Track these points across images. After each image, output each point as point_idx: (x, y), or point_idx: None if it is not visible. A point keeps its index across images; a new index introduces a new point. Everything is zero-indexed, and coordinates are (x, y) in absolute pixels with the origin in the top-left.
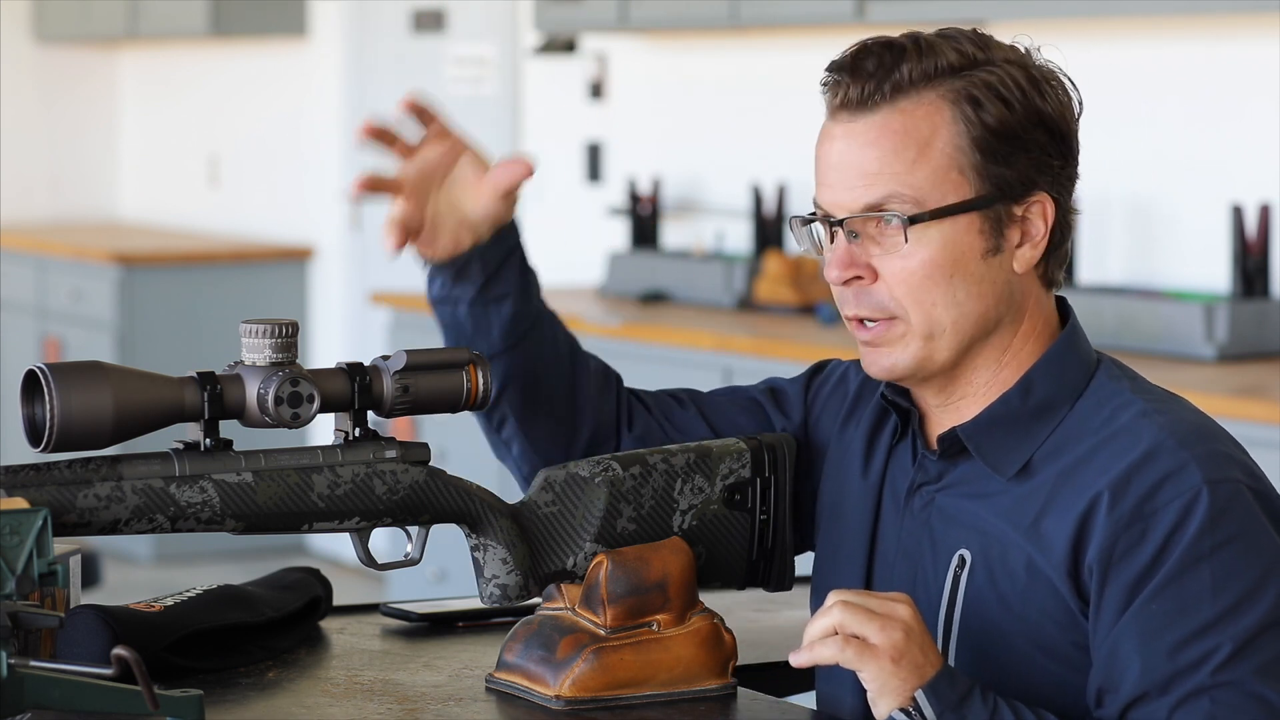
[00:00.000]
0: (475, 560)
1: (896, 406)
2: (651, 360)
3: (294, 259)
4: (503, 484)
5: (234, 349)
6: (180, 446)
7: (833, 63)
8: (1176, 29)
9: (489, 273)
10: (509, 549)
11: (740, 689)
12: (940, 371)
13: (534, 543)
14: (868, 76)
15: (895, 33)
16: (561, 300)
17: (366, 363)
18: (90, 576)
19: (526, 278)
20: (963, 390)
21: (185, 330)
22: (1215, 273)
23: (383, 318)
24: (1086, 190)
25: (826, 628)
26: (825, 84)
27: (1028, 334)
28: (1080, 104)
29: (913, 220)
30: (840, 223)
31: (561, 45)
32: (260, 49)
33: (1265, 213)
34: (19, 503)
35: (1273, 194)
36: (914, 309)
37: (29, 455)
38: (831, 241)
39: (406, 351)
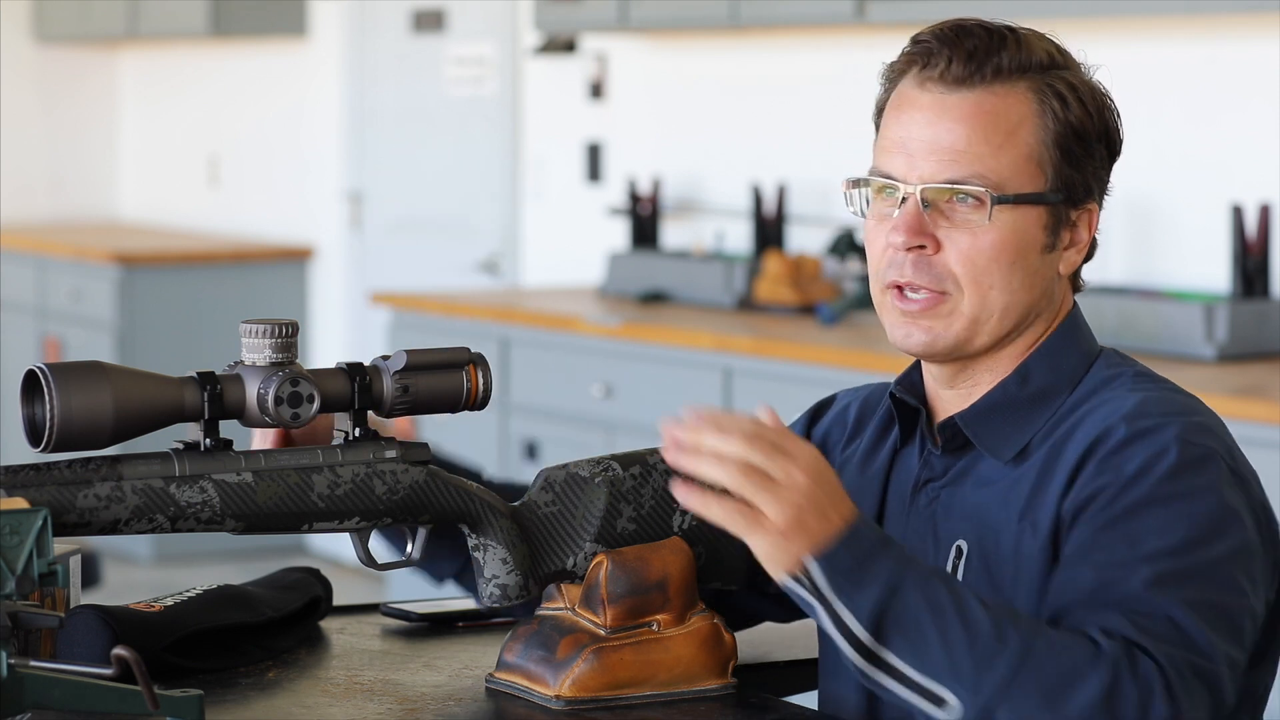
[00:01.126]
0: (475, 560)
1: (904, 405)
2: (651, 360)
3: (294, 259)
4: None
5: (234, 349)
6: (180, 446)
7: (929, 33)
8: (1176, 29)
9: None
10: (509, 549)
11: (740, 689)
12: (974, 355)
13: (534, 543)
14: (969, 55)
15: (892, 33)
16: (562, 300)
17: (366, 363)
18: (90, 576)
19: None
20: (978, 377)
21: (185, 330)
22: (1215, 273)
23: (383, 318)
24: None
25: (719, 478)
26: (916, 50)
27: (1042, 332)
28: (1122, 137)
29: (998, 200)
30: (917, 190)
31: (561, 45)
32: (260, 49)
33: (1265, 213)
34: (19, 503)
35: (1273, 194)
36: (971, 288)
37: (29, 455)
38: (901, 205)
39: (406, 351)
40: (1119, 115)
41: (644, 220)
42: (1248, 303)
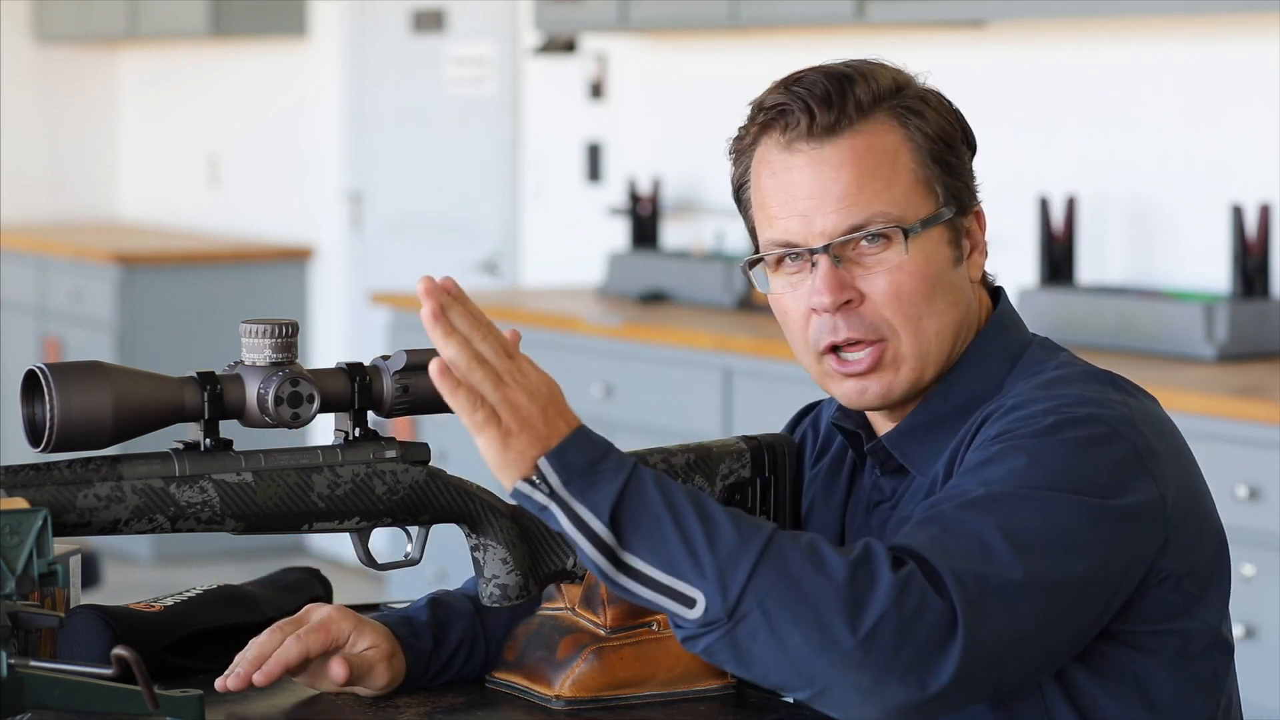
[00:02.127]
0: (475, 560)
1: (845, 431)
2: (651, 360)
3: (294, 259)
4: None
5: (234, 349)
6: (180, 446)
7: (775, 96)
8: (1176, 29)
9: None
10: (509, 549)
11: (740, 689)
12: (925, 388)
13: (534, 543)
14: (827, 103)
15: (892, 34)
16: (562, 300)
17: (366, 363)
18: (90, 576)
19: (459, 655)
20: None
21: (185, 330)
22: (1215, 273)
23: (383, 318)
24: (1086, 190)
25: (458, 361)
26: (769, 117)
27: (967, 340)
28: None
29: (907, 234)
30: (825, 249)
31: (561, 45)
32: (260, 49)
33: (1265, 213)
34: (19, 503)
35: (1273, 194)
36: (904, 326)
37: (29, 455)
38: (811, 269)
39: (406, 351)
40: (957, 111)
41: (644, 220)
42: (1248, 303)
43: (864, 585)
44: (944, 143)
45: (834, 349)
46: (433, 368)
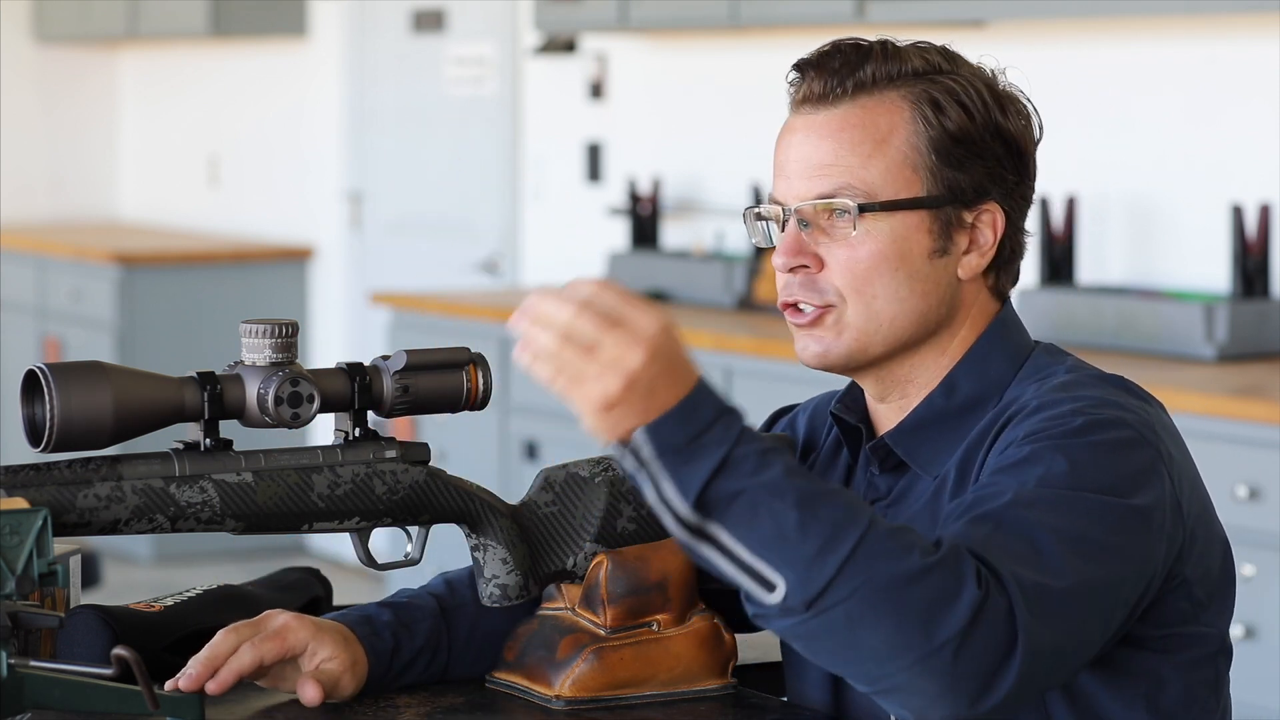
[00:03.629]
0: (475, 560)
1: (843, 423)
2: None
3: (294, 259)
4: (503, 484)
5: (234, 349)
6: (180, 446)
7: (800, 60)
8: (1176, 29)
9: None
10: (509, 549)
11: (740, 689)
12: (872, 364)
13: (534, 543)
14: (832, 73)
15: (892, 34)
16: None
17: (366, 363)
18: (90, 576)
19: (423, 660)
20: (903, 390)
21: (185, 330)
22: (1215, 273)
23: (383, 318)
24: (1086, 190)
25: (543, 341)
26: (790, 80)
27: (966, 339)
28: (1041, 129)
29: (862, 209)
30: (792, 211)
31: (561, 45)
32: (260, 49)
33: (1265, 213)
34: (19, 503)
35: (1273, 194)
36: (854, 299)
37: (29, 455)
38: (783, 230)
39: (406, 351)
40: (1027, 114)
41: (644, 220)
42: (1248, 303)
43: (949, 593)
44: (952, 136)
45: (791, 305)
46: (516, 351)
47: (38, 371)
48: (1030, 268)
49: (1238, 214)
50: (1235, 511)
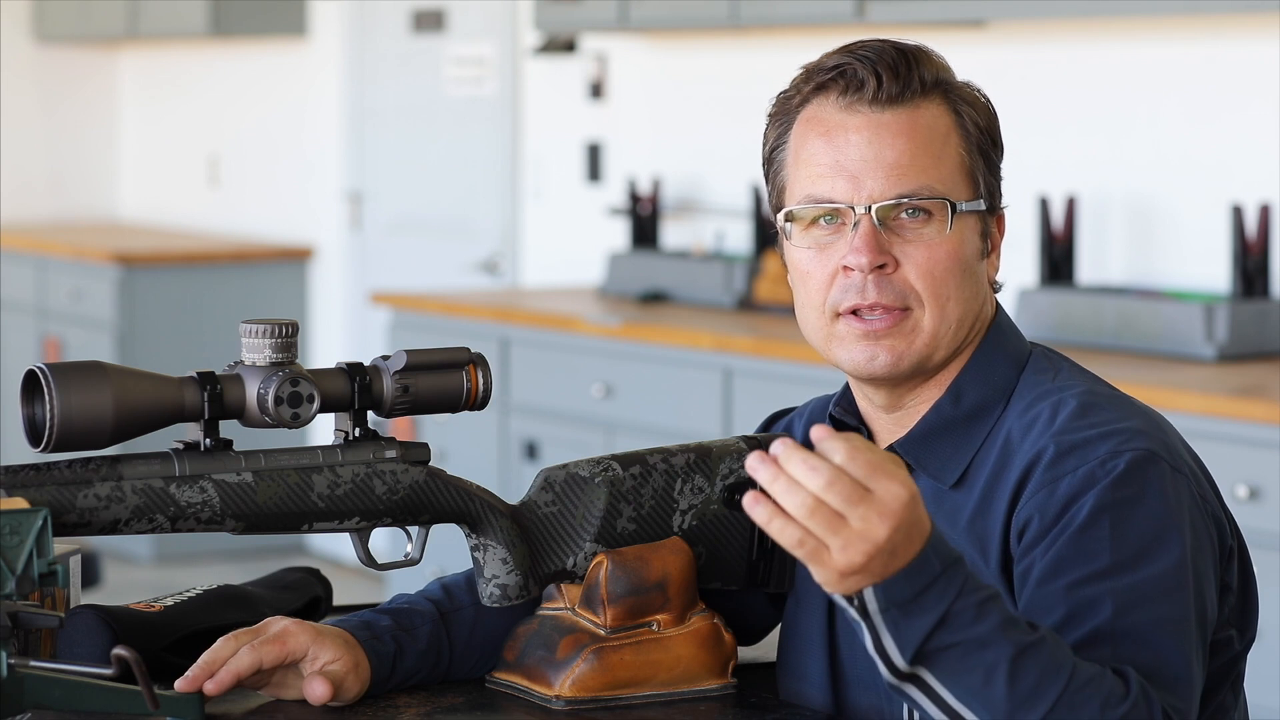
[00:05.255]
0: (475, 560)
1: (844, 426)
2: (651, 360)
3: (294, 259)
4: (503, 484)
5: (234, 349)
6: (180, 446)
7: (840, 57)
8: (1176, 29)
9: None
10: (509, 549)
11: (740, 689)
12: (928, 373)
13: (534, 543)
14: (896, 74)
15: (892, 34)
16: (562, 300)
17: (366, 363)
18: (90, 576)
19: (424, 662)
20: (915, 394)
21: (185, 330)
22: (1215, 273)
23: (383, 318)
24: (1086, 190)
25: (791, 506)
26: (832, 78)
27: (971, 344)
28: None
29: (955, 209)
30: (869, 210)
31: (561, 45)
32: (260, 49)
33: (1265, 213)
34: (19, 503)
35: (1273, 194)
36: (931, 301)
37: (29, 455)
38: (854, 227)
39: (406, 351)
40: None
41: (644, 220)
42: (1248, 303)
43: None
44: (989, 137)
45: (854, 311)
46: (749, 499)
47: (38, 371)
48: (1030, 268)
49: (1238, 214)
50: (1235, 511)
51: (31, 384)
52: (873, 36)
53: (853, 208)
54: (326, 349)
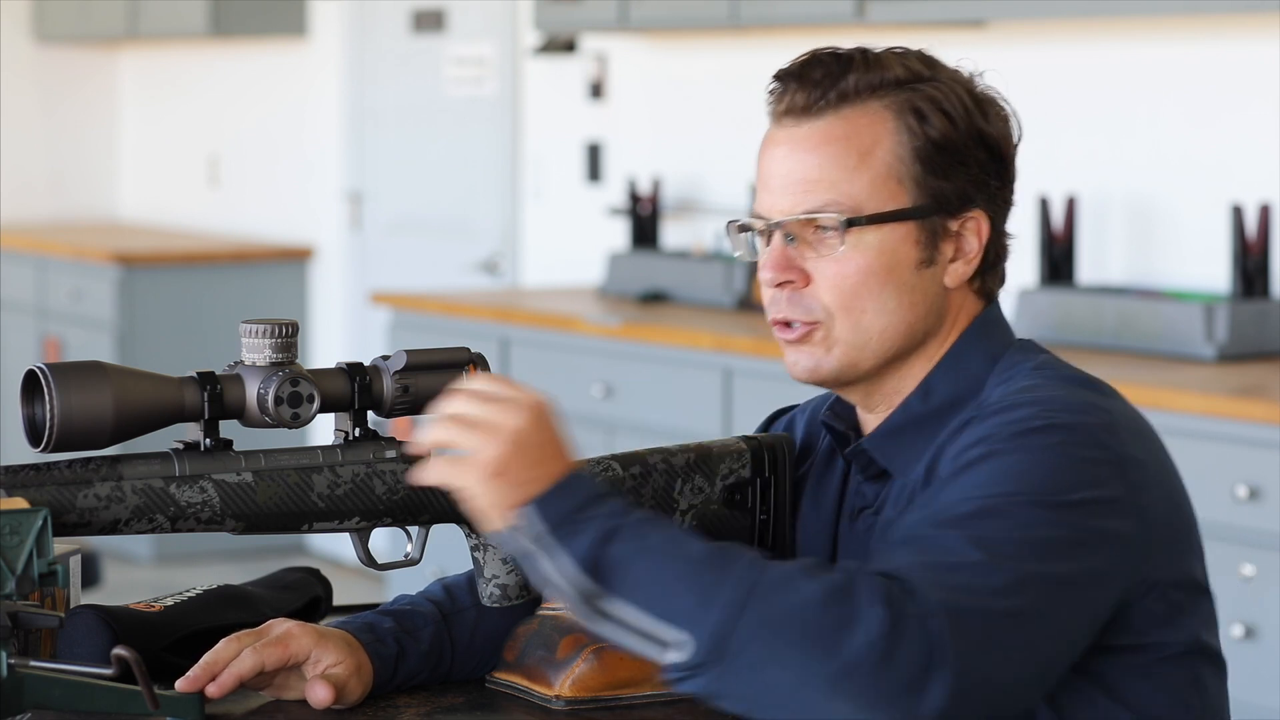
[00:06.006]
0: (475, 560)
1: (833, 430)
2: (651, 360)
3: (294, 259)
4: None
5: (234, 349)
6: (180, 446)
7: (780, 70)
8: (1176, 29)
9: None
10: None
11: None
12: (862, 379)
13: None
14: (814, 84)
15: (892, 34)
16: (562, 300)
17: (366, 363)
18: (90, 576)
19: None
20: (890, 401)
21: (185, 330)
22: (1215, 273)
23: (383, 318)
24: (1086, 190)
25: (432, 441)
26: (771, 91)
27: (950, 344)
28: (1020, 131)
29: (849, 224)
30: (777, 225)
31: (561, 45)
32: (260, 49)
33: (1265, 213)
34: (19, 503)
35: (1273, 194)
36: (843, 314)
37: (29, 455)
38: (768, 244)
39: (406, 351)
40: (1006, 116)
41: (644, 220)
42: (1248, 303)
43: (846, 617)
44: (936, 144)
45: (779, 322)
46: (412, 473)
47: (38, 371)
48: (1030, 268)
49: (1238, 214)
50: (1235, 511)
51: (31, 384)
52: (828, 46)
53: (766, 221)
54: (326, 349)
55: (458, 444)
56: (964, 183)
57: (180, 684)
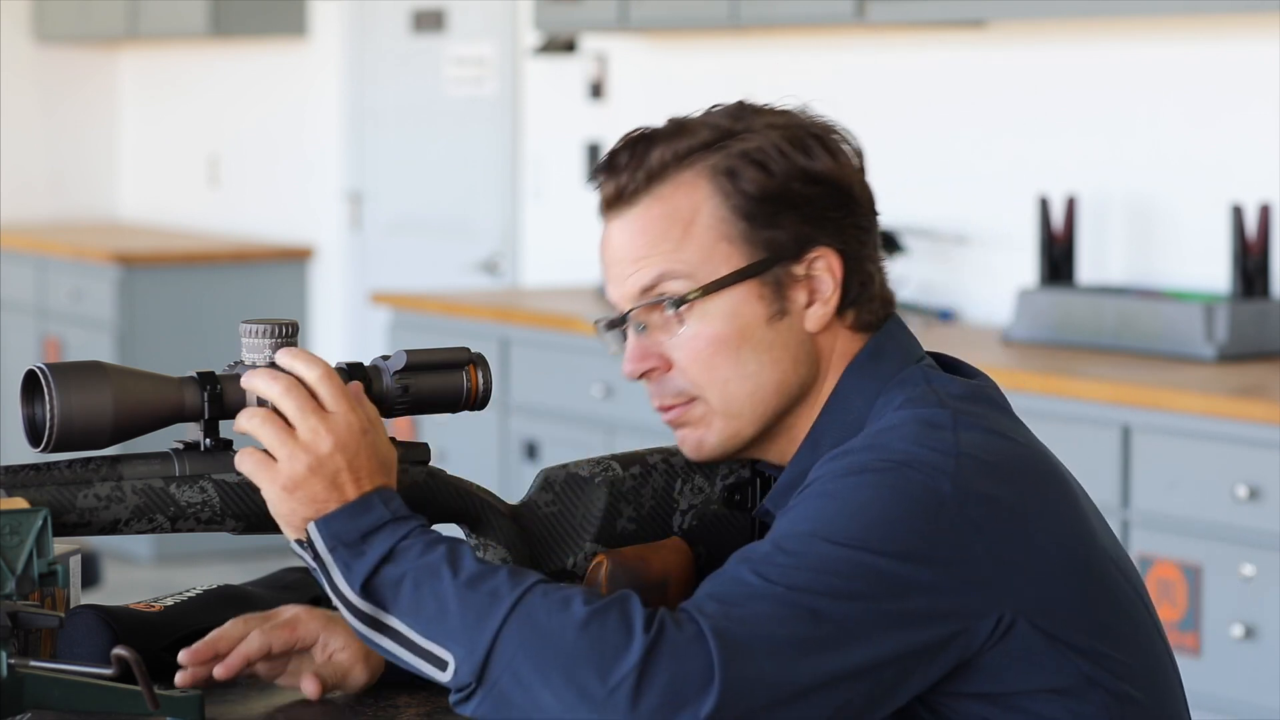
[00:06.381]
0: None
1: (754, 470)
2: None
3: (294, 259)
4: (503, 484)
5: (234, 349)
6: (180, 446)
7: (594, 165)
8: (1176, 29)
9: None
10: (509, 549)
11: None
12: (754, 443)
13: (534, 542)
14: (621, 170)
15: (892, 34)
16: (562, 300)
17: (366, 363)
18: (90, 576)
19: None
20: (780, 449)
21: (185, 330)
22: (1215, 273)
23: (383, 318)
24: (1086, 190)
25: (249, 429)
26: (591, 187)
27: (833, 384)
28: (859, 154)
29: (683, 300)
30: (624, 319)
31: (561, 45)
32: (260, 49)
33: (1265, 213)
34: (19, 503)
35: (1273, 194)
36: (709, 388)
37: (29, 455)
38: (625, 339)
39: (406, 351)
40: (836, 148)
41: None
42: (1248, 303)
43: (607, 641)
44: (755, 197)
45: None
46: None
47: (38, 371)
48: (1030, 268)
49: (1238, 214)
50: (1235, 511)
51: (31, 384)
52: (639, 127)
53: (616, 317)
54: (326, 349)
55: (268, 446)
56: (798, 225)
57: (183, 656)
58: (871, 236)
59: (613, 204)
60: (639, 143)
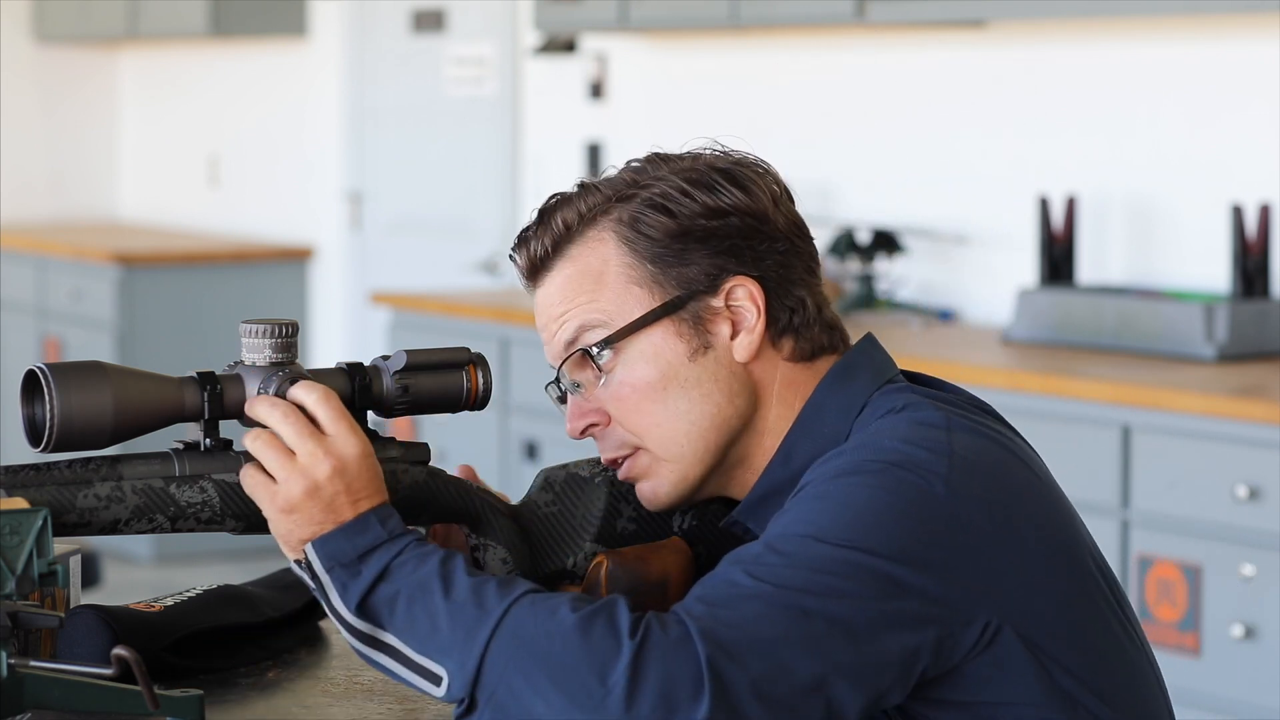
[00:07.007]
0: (475, 559)
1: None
2: None
3: (294, 259)
4: (503, 484)
5: (234, 349)
6: (180, 446)
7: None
8: (1176, 29)
9: None
10: (509, 549)
11: None
12: (707, 482)
13: (534, 542)
14: (531, 241)
15: (892, 34)
16: None
17: (366, 363)
18: (90, 576)
19: None
20: (744, 474)
21: (185, 330)
22: (1215, 273)
23: (383, 318)
24: (1086, 190)
25: (252, 448)
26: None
27: (783, 411)
28: (778, 183)
29: (606, 344)
30: (557, 380)
31: (561, 45)
32: (260, 49)
33: (1265, 213)
34: (19, 503)
35: (1273, 194)
36: (646, 433)
37: (29, 455)
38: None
39: (406, 351)
40: (744, 180)
41: None
42: (1248, 303)
43: (599, 644)
44: (667, 239)
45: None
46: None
47: (38, 371)
48: (1030, 268)
49: (1238, 214)
50: (1235, 511)
51: (31, 384)
52: (557, 191)
53: (554, 379)
54: (326, 349)
55: (269, 469)
56: (709, 259)
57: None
58: (798, 262)
59: (530, 275)
60: (545, 212)
